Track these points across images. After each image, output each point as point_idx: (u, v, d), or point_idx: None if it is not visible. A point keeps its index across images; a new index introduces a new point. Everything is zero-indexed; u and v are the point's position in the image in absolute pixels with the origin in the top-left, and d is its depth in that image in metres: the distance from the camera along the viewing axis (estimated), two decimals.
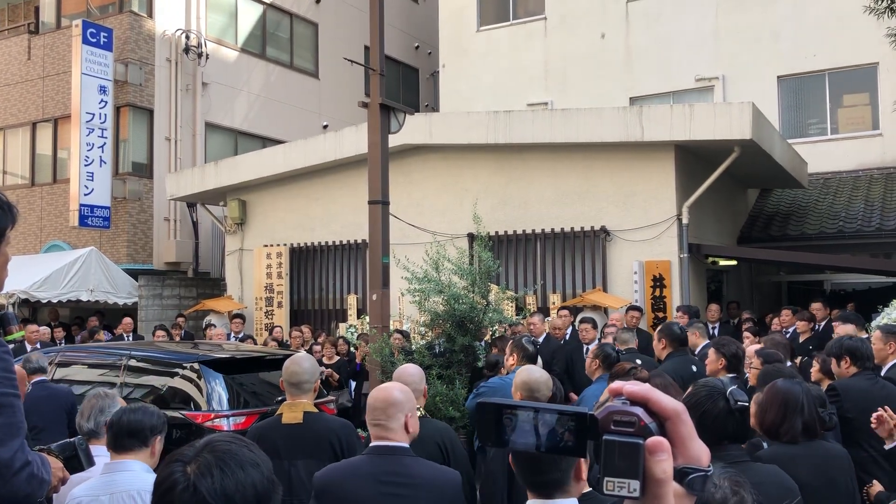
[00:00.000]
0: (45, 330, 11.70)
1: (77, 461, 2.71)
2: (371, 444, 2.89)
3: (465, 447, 4.88)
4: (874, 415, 3.87)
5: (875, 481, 3.93)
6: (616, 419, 0.83)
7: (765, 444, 3.32)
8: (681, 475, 0.84)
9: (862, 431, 4.40)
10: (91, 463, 2.80)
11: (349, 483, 2.76)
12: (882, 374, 4.95)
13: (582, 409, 0.84)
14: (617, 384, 0.86)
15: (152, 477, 2.46)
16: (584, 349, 8.40)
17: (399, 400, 2.91)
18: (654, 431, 0.82)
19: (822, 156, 15.44)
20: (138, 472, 2.98)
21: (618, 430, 0.82)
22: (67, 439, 2.82)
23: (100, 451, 3.29)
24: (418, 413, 3.93)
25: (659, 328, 5.97)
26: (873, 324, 8.17)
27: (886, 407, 3.96)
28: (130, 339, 12.04)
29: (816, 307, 9.36)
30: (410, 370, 4.07)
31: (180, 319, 12.76)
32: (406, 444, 2.89)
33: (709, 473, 0.85)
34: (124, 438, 3.07)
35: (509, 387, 5.07)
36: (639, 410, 0.83)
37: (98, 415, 3.43)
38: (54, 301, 13.35)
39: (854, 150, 15.53)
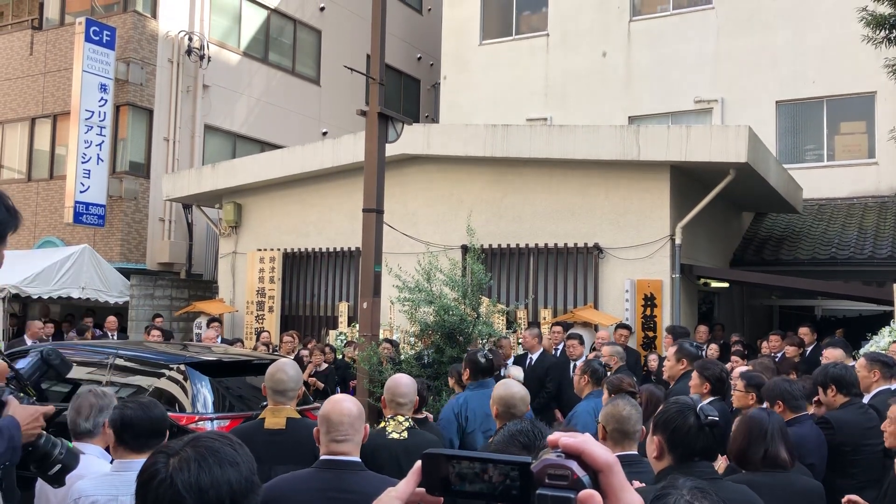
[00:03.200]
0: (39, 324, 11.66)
1: (55, 370, 2.28)
2: (321, 458, 2.82)
3: None
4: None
5: None
6: (550, 472, 0.84)
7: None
8: None
9: (852, 462, 4.43)
10: (69, 367, 2.40)
11: (296, 497, 2.71)
12: (866, 401, 4.96)
13: (524, 458, 0.86)
14: (554, 436, 0.87)
15: None
16: (571, 366, 8.40)
17: (357, 414, 2.83)
18: (586, 485, 0.83)
19: (818, 182, 15.51)
20: None
21: (551, 483, 0.83)
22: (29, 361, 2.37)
23: (93, 450, 3.23)
24: (407, 423, 3.97)
25: (676, 348, 5.89)
26: (861, 351, 8.19)
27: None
28: (115, 337, 12.00)
29: (804, 332, 9.39)
30: (404, 380, 4.07)
31: (158, 320, 12.77)
32: (357, 459, 2.82)
33: None
34: (149, 438, 2.93)
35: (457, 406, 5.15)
36: (573, 464, 0.84)
37: (97, 415, 3.29)
38: (45, 297, 13.29)
39: (849, 177, 15.61)
